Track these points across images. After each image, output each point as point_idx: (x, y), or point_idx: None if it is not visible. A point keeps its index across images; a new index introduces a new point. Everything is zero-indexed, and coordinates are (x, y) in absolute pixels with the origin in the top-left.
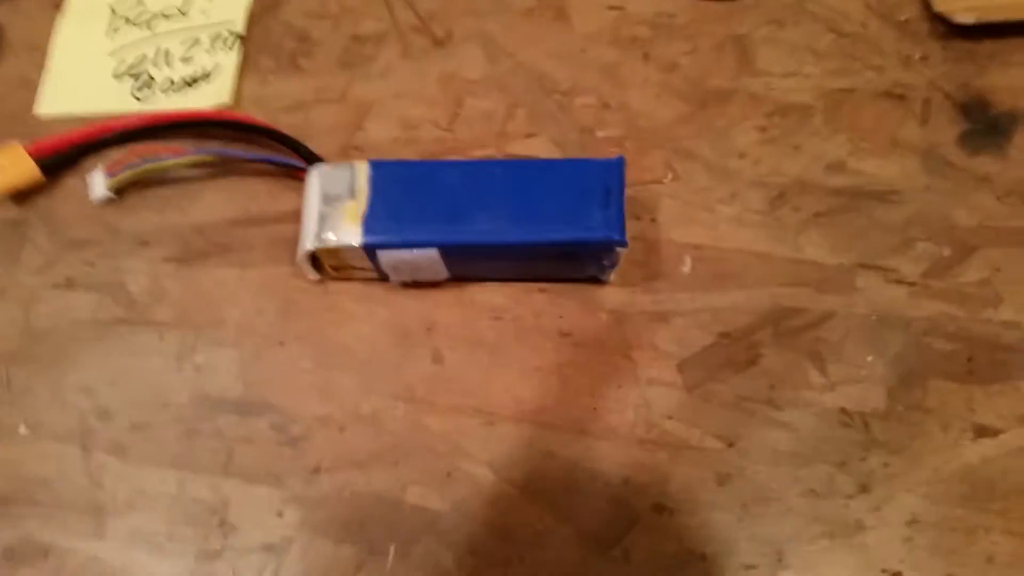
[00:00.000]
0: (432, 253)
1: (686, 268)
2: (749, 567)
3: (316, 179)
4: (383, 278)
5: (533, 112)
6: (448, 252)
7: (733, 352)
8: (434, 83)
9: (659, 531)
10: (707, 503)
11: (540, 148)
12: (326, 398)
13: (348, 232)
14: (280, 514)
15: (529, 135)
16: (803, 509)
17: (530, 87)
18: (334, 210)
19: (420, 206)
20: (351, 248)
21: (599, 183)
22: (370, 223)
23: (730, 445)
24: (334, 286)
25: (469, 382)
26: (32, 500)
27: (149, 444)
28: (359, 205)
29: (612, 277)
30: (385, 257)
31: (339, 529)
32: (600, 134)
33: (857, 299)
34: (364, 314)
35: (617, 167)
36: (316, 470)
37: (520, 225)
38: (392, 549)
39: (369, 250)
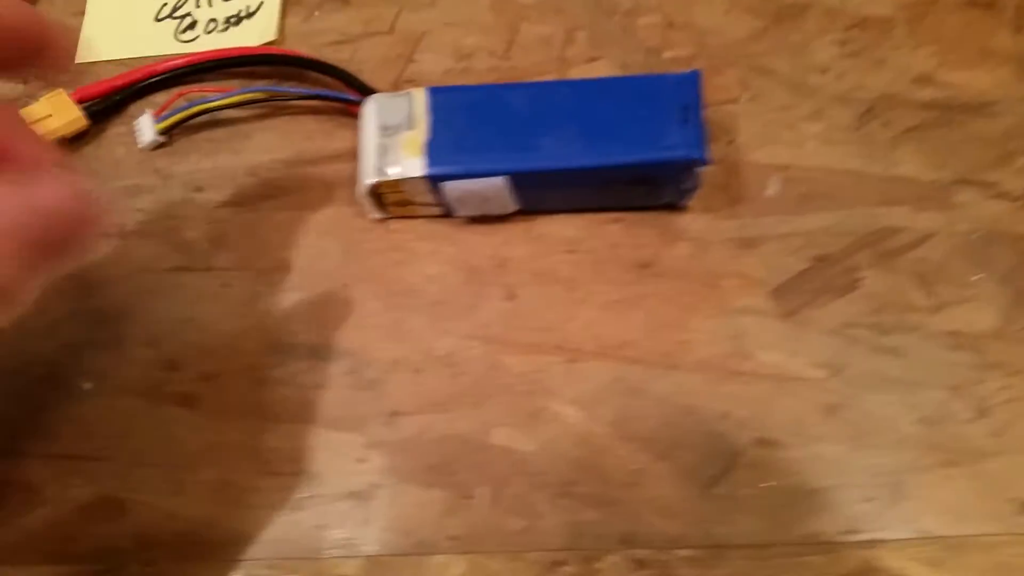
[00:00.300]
0: (500, 182)
1: (771, 190)
2: (867, 500)
3: (372, 110)
4: (448, 213)
5: (594, 34)
6: (517, 180)
7: (831, 276)
8: (487, 9)
9: (765, 466)
10: (815, 435)
11: (604, 72)
12: (398, 340)
13: (410, 163)
14: (363, 460)
15: (591, 59)
16: (918, 437)
17: (588, 8)
18: (393, 141)
19: (485, 132)
20: (414, 180)
21: (675, 100)
22: (433, 153)
23: (835, 374)
24: (397, 225)
25: (546, 319)
26: (103, 456)
27: (220, 394)
28: (419, 134)
29: (691, 202)
30: (450, 189)
31: (426, 473)
32: (667, 55)
33: (958, 216)
34: (430, 252)
35: (693, 81)
36: (395, 413)
37: (593, 148)
38: (482, 492)
39: (433, 182)
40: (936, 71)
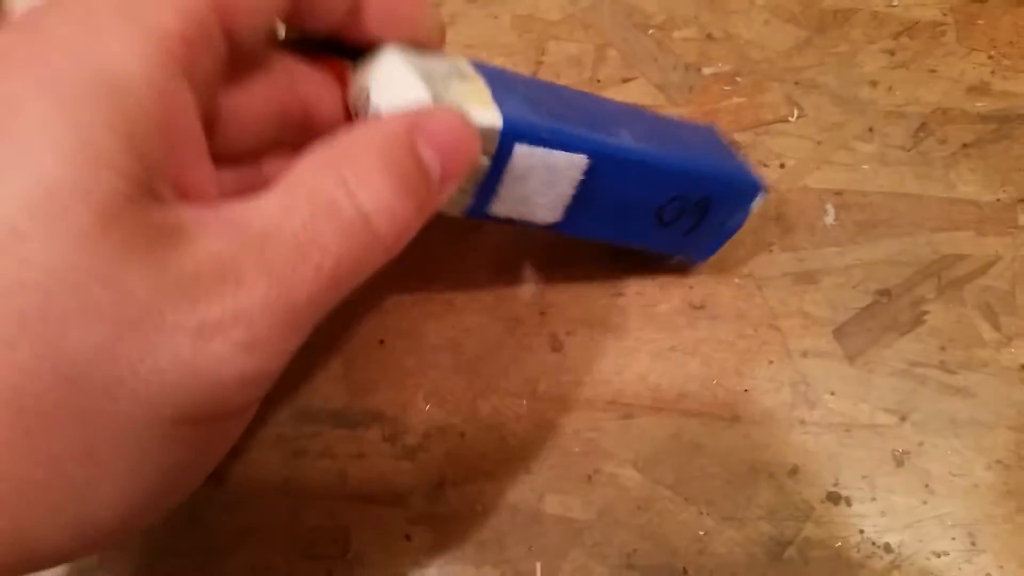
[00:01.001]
0: (579, 163)
1: (829, 218)
2: (940, 554)
3: (397, 55)
4: (477, 210)
5: (627, 52)
6: (597, 167)
7: (895, 312)
8: (509, 29)
9: (836, 524)
10: (886, 487)
11: (640, 93)
12: (439, 401)
13: (480, 114)
14: (408, 537)
15: (626, 79)
16: (992, 483)
17: (619, 23)
18: (447, 88)
19: (556, 106)
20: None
21: (713, 138)
22: (509, 107)
23: (903, 419)
24: (431, 271)
25: (596, 371)
26: (125, 548)
27: (250, 470)
28: (481, 87)
29: (742, 234)
30: (522, 156)
31: (476, 549)
32: (707, 71)
33: (1022, 239)
34: (466, 302)
35: (714, 130)
36: (440, 484)
37: (675, 152)
38: (538, 568)
39: (506, 142)
40: (991, 79)
